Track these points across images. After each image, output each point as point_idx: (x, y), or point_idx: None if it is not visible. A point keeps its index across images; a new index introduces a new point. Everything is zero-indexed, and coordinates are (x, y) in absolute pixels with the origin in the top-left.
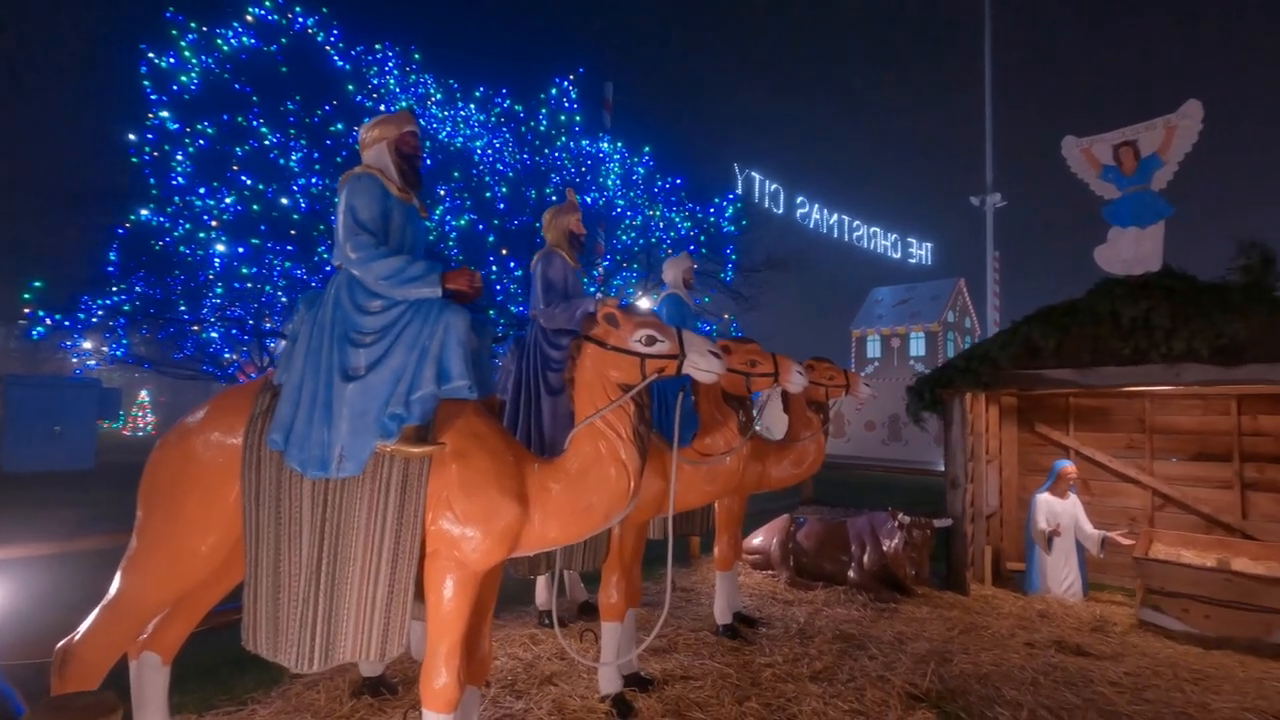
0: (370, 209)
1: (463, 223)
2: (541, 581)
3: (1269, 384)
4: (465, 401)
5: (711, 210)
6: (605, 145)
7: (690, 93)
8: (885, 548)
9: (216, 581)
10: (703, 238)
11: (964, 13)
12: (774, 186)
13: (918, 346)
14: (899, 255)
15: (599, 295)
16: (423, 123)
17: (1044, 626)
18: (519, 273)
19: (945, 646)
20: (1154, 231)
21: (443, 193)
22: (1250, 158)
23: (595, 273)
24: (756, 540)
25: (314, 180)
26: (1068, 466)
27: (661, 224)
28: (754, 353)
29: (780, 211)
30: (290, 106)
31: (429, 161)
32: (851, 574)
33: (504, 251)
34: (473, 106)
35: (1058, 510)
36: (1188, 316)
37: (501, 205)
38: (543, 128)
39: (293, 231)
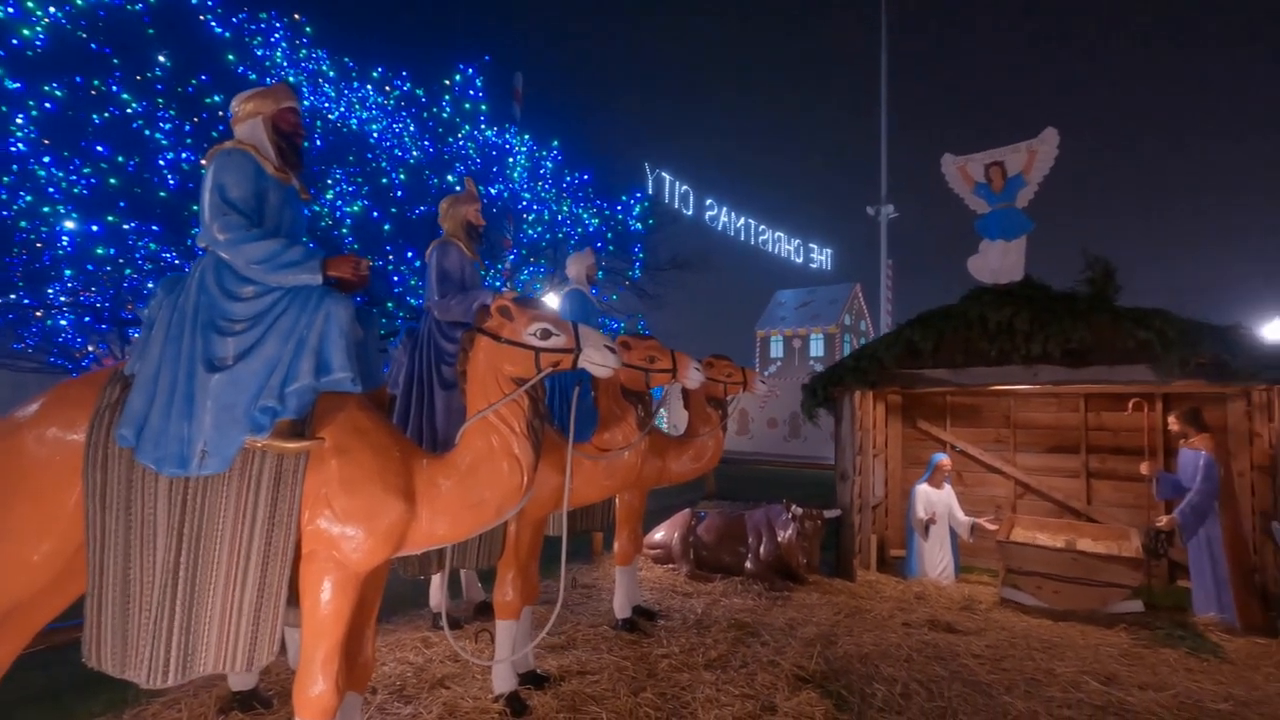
0: (241, 187)
1: (356, 209)
2: (436, 582)
3: (1109, 383)
4: (348, 395)
5: (619, 208)
6: (513, 137)
7: (603, 90)
8: (780, 539)
9: (52, 595)
10: (610, 235)
11: (862, 35)
12: (684, 188)
13: (817, 347)
14: (801, 260)
15: (505, 288)
16: (312, 100)
17: (920, 607)
18: (418, 263)
19: (832, 630)
20: (1018, 245)
21: (337, 177)
22: (1100, 177)
23: (501, 266)
24: (658, 535)
25: (185, 155)
26: (943, 459)
27: (569, 220)
28: (653, 349)
29: (690, 213)
30: (158, 73)
31: (319, 143)
32: (748, 565)
33: (401, 241)
34: (370, 88)
35: (934, 500)
36: (1044, 322)
37: (400, 193)
38: (446, 114)
39: (159, 211)
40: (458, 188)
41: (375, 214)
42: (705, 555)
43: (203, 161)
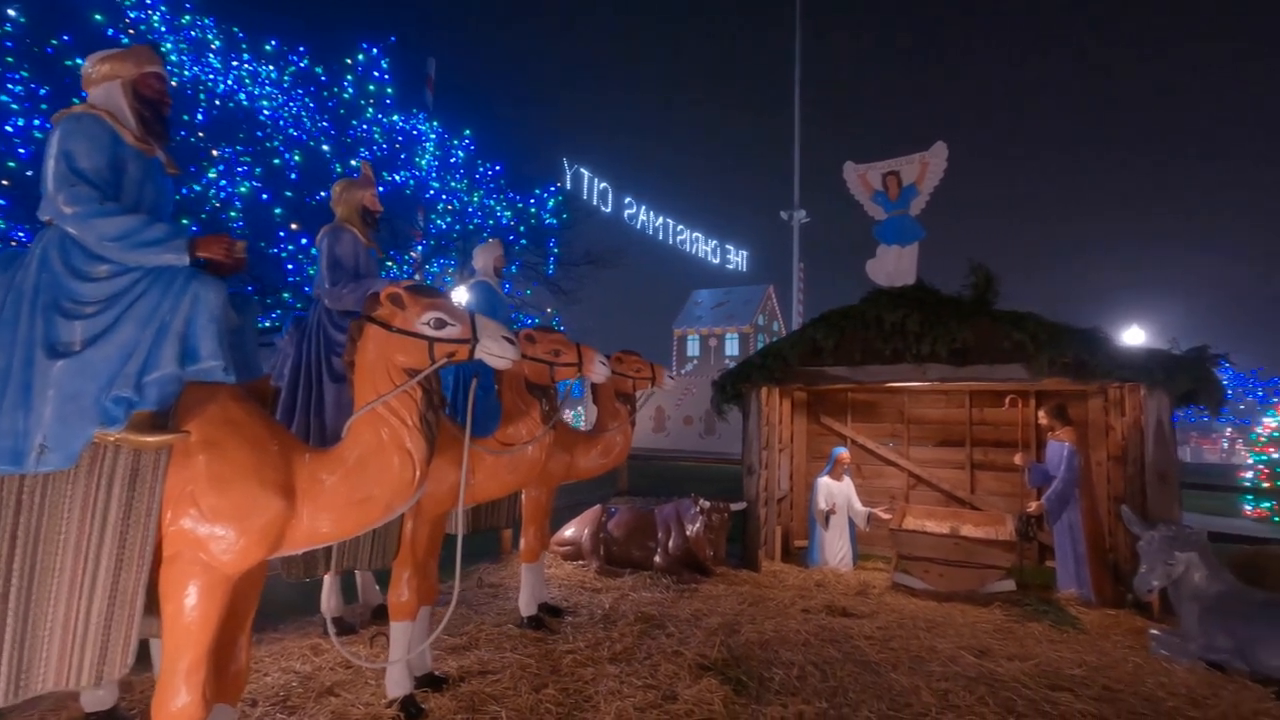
0: (93, 157)
1: (244, 190)
2: (328, 585)
3: (989, 381)
4: (220, 386)
5: (533, 201)
6: (422, 124)
7: (522, 83)
8: (688, 532)
9: None
10: (522, 228)
11: (779, 44)
12: (603, 184)
13: (732, 346)
14: (718, 260)
15: (415, 279)
16: (196, 70)
17: (819, 594)
18: (315, 250)
19: (735, 619)
20: (911, 250)
21: (224, 155)
22: (986, 191)
23: (408, 256)
24: (568, 532)
25: (39, 123)
26: (843, 453)
27: (480, 211)
28: (558, 342)
29: (609, 210)
30: (8, 28)
31: (201, 116)
32: (658, 559)
33: (294, 226)
34: (263, 63)
35: (835, 491)
36: (932, 324)
37: (295, 176)
38: (348, 96)
39: (6, 182)
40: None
41: (266, 196)
42: (615, 551)
43: (52, 124)
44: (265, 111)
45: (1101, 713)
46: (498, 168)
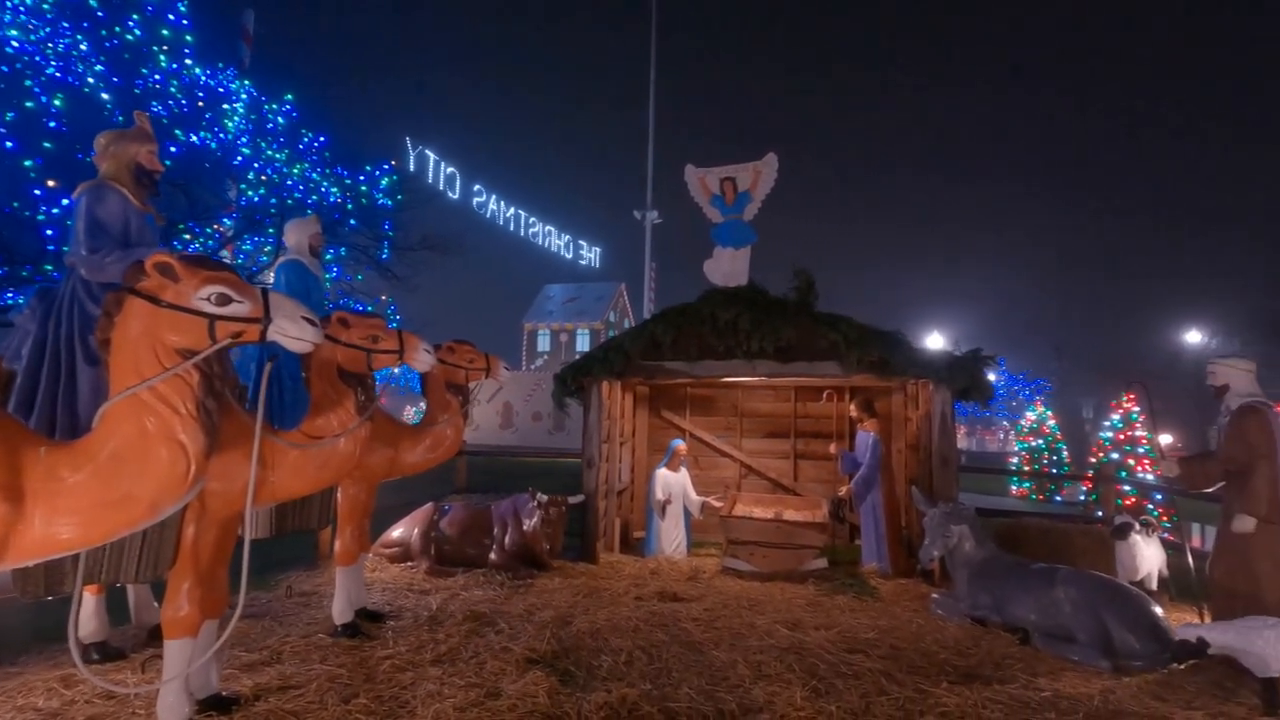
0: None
1: None
2: (90, 605)
3: (809, 376)
4: None
5: (364, 178)
6: (233, 81)
7: (360, 51)
8: (525, 527)
9: None
10: (350, 206)
11: (636, 47)
12: (450, 169)
13: (584, 342)
14: (571, 256)
15: (219, 256)
16: None
17: (653, 582)
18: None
19: (569, 611)
20: (744, 253)
21: None
22: (814, 196)
23: (212, 229)
24: (396, 532)
25: None
26: (680, 445)
27: (302, 184)
28: (375, 327)
29: (456, 196)
30: None
31: None
32: (493, 556)
33: (52, 184)
34: None
35: (671, 482)
36: (761, 322)
37: (57, 124)
38: (134, 38)
39: None
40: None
41: (11, 144)
42: (448, 550)
43: None
44: (15, 43)
45: (887, 669)
46: (322, 139)
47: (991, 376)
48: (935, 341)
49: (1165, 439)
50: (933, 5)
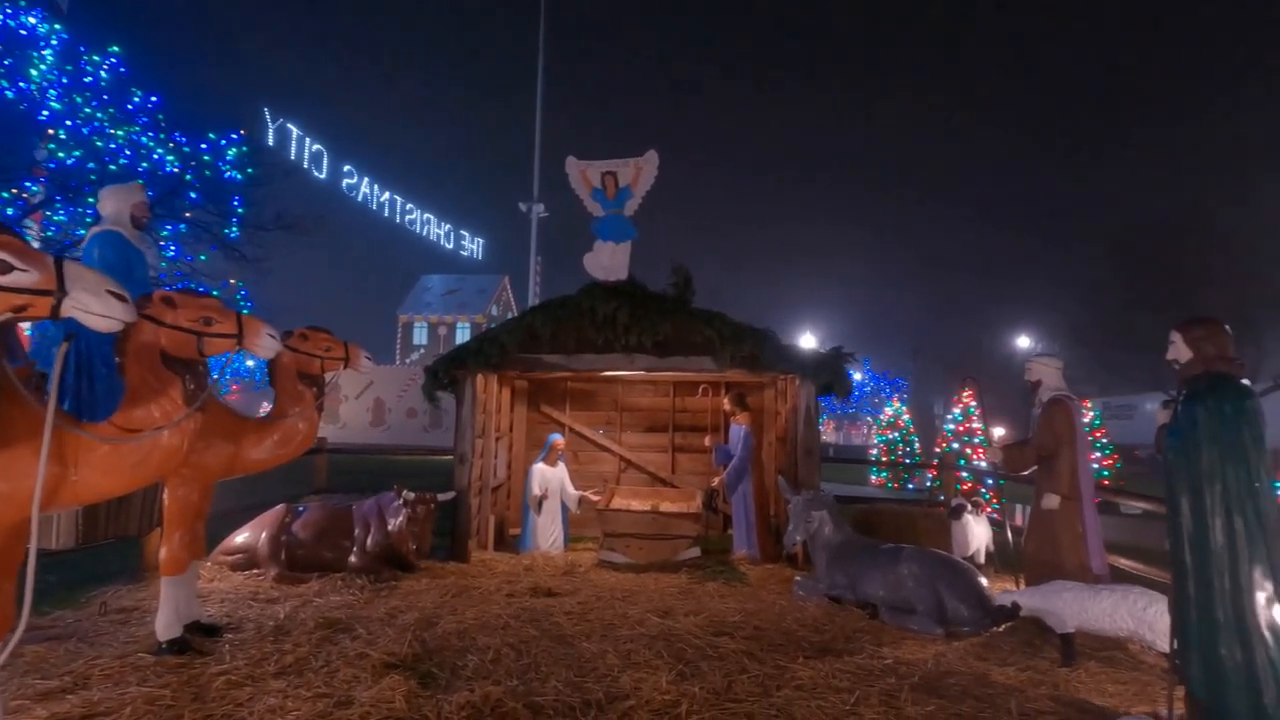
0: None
1: None
2: None
3: (685, 371)
4: None
5: (206, 147)
6: (40, 23)
7: (208, 6)
8: (390, 527)
9: None
10: (189, 176)
11: (525, 35)
12: (316, 147)
13: (464, 336)
14: (452, 246)
15: (29, 226)
16: None
17: (526, 578)
18: None
19: (435, 612)
20: (624, 248)
21: None
22: (691, 194)
23: (10, 194)
24: (240, 538)
25: None
26: (558, 439)
27: (130, 149)
28: (209, 308)
29: (323, 176)
30: None
31: None
32: (353, 559)
33: None
34: None
35: (548, 477)
36: (640, 317)
37: None
38: None
39: None
40: None
41: None
42: (301, 554)
43: None
44: None
45: (750, 649)
46: (155, 99)
47: (857, 376)
48: (808, 341)
49: (999, 431)
50: (803, 5)
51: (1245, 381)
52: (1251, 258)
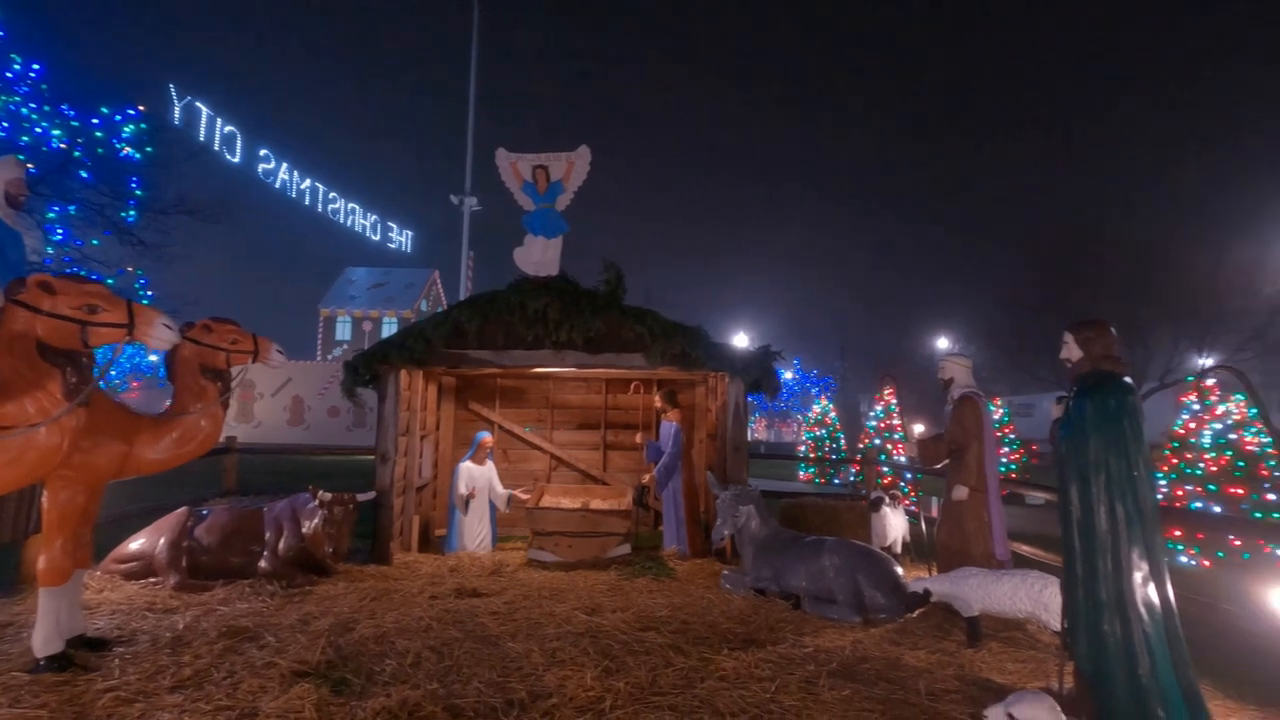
0: None
1: None
2: None
3: (617, 368)
4: None
5: (99, 122)
6: None
7: None
8: (305, 529)
9: None
10: (78, 153)
11: (459, 27)
12: (229, 128)
13: (390, 331)
14: (379, 238)
15: None
16: None
17: (451, 579)
18: None
19: (352, 617)
20: (555, 243)
21: None
22: (626, 189)
23: None
24: (135, 544)
25: None
26: (486, 437)
27: (9, 121)
28: (94, 296)
29: (237, 160)
30: None
31: None
32: (263, 563)
33: None
34: None
35: (476, 475)
36: (571, 313)
37: None
38: None
39: None
40: None
41: None
42: (205, 561)
43: None
44: None
45: (676, 643)
46: (37, 68)
47: (787, 375)
48: (741, 340)
49: (918, 427)
50: (741, 6)
51: (1128, 379)
52: (1141, 263)
